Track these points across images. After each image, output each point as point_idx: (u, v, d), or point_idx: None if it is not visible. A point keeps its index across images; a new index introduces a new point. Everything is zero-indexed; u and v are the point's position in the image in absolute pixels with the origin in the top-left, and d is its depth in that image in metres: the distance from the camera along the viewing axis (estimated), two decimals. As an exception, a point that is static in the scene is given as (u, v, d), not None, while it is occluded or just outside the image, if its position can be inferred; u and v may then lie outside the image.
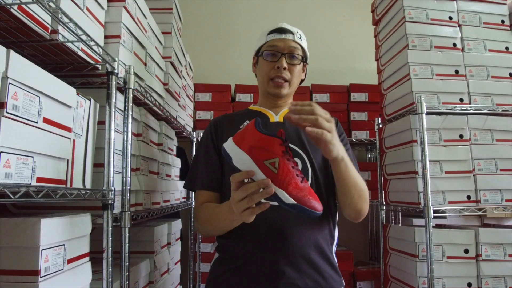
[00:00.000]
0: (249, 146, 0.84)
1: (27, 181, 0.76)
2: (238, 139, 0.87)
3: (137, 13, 1.38)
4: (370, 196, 2.61)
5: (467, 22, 1.94)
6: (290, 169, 0.84)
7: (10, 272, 0.78)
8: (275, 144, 0.84)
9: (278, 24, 1.24)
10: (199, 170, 1.19)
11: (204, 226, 1.12)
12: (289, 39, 1.19)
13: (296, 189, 0.82)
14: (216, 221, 1.06)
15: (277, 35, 1.20)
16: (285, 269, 1.02)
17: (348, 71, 3.16)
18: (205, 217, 1.11)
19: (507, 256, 1.69)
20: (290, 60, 1.19)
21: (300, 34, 1.23)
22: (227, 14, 3.21)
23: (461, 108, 1.81)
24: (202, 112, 2.72)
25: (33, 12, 0.84)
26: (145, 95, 1.40)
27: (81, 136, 1.00)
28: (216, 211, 1.06)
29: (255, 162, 0.83)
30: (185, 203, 2.17)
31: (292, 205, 0.81)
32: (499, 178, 1.78)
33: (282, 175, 0.82)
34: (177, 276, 1.93)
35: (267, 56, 1.20)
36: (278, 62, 1.18)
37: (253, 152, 0.84)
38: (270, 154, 0.83)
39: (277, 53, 1.19)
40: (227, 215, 0.98)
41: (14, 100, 0.72)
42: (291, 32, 1.20)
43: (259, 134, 0.85)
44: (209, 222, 1.10)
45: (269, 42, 1.21)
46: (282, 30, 1.21)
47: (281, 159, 0.84)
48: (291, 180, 0.83)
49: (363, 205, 1.09)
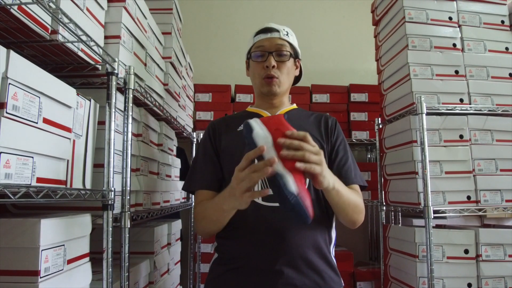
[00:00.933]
0: (274, 129, 0.86)
1: (27, 181, 0.76)
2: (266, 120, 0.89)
3: (137, 14, 1.38)
4: (370, 196, 2.62)
5: (467, 23, 1.94)
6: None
7: (10, 272, 0.78)
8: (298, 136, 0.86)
9: (264, 24, 1.25)
10: (198, 172, 1.19)
11: (201, 223, 1.11)
12: (274, 37, 1.21)
13: (301, 183, 0.82)
14: (210, 214, 1.05)
15: (263, 35, 1.22)
16: (284, 270, 1.03)
17: (348, 72, 3.16)
18: (202, 214, 1.10)
19: (507, 257, 1.69)
20: (278, 58, 1.20)
21: (287, 31, 1.24)
22: (227, 14, 3.21)
23: (461, 108, 1.81)
24: (202, 112, 2.72)
25: (33, 13, 0.84)
26: (145, 96, 1.40)
27: (81, 137, 1.00)
28: (210, 204, 1.06)
29: (273, 140, 0.84)
30: (185, 204, 2.17)
31: (291, 194, 0.80)
32: (499, 178, 1.78)
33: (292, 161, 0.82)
34: (177, 277, 1.93)
35: (256, 57, 1.22)
36: (267, 61, 1.19)
37: (275, 133, 0.85)
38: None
39: (265, 52, 1.20)
40: (220, 205, 0.98)
41: (14, 101, 0.72)
42: (276, 30, 1.22)
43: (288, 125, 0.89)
44: (204, 218, 1.09)
45: (256, 43, 1.23)
46: (267, 29, 1.22)
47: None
48: (300, 172, 0.83)
49: (358, 217, 1.12)
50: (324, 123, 1.23)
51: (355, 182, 1.15)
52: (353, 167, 1.18)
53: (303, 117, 1.25)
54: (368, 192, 2.62)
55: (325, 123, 1.23)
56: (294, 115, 1.24)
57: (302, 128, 1.18)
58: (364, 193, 2.60)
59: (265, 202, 1.07)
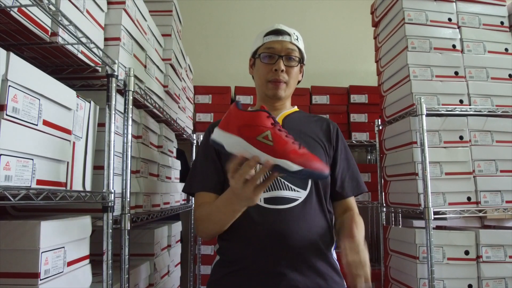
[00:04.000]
0: (237, 127, 0.82)
1: (27, 183, 0.76)
2: (223, 124, 0.85)
3: (137, 16, 1.38)
4: (370, 197, 2.62)
5: (466, 24, 1.94)
6: (284, 138, 0.82)
7: (10, 274, 0.78)
8: (262, 118, 0.83)
9: (274, 25, 1.23)
10: (197, 174, 1.18)
11: (203, 224, 1.09)
12: (286, 40, 1.19)
13: (297, 155, 0.80)
14: (215, 215, 1.03)
15: (274, 37, 1.19)
16: (286, 272, 1.02)
17: (348, 73, 3.16)
18: (203, 215, 1.08)
19: (508, 258, 1.68)
20: (288, 62, 1.18)
21: (296, 35, 1.22)
22: (227, 16, 3.21)
23: (461, 109, 1.81)
24: (202, 114, 2.72)
25: (33, 15, 0.84)
26: (145, 97, 1.40)
27: (81, 139, 1.00)
28: (214, 206, 1.04)
29: (247, 141, 0.82)
30: (185, 205, 2.17)
31: (299, 171, 0.79)
32: (499, 179, 1.78)
33: (278, 146, 0.81)
34: (177, 279, 1.93)
35: (264, 58, 1.19)
36: (276, 65, 1.17)
37: (243, 132, 0.82)
38: (260, 128, 0.82)
39: (274, 55, 1.18)
40: (228, 206, 0.96)
41: (14, 103, 0.72)
42: (288, 34, 1.20)
43: (243, 112, 0.83)
44: (207, 219, 1.07)
45: (266, 44, 1.20)
46: (279, 31, 1.20)
47: (272, 130, 0.82)
48: (289, 148, 0.81)
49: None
50: (326, 127, 1.23)
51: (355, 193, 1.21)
52: (355, 175, 1.21)
53: (305, 120, 1.25)
54: (368, 193, 2.62)
55: (327, 128, 1.23)
56: (295, 117, 1.24)
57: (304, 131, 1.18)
58: (365, 195, 2.61)
59: (267, 205, 1.07)
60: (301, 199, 1.09)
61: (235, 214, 0.98)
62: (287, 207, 1.07)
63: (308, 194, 1.10)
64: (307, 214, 1.08)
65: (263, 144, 0.81)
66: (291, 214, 1.06)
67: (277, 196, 1.07)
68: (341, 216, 1.17)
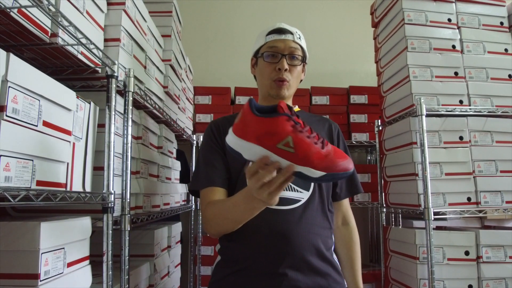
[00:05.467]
0: (256, 136, 0.77)
1: (27, 184, 0.75)
2: (239, 130, 0.79)
3: (137, 16, 1.38)
4: (370, 198, 2.62)
5: (466, 24, 1.94)
6: (307, 141, 0.76)
7: (10, 276, 0.78)
8: (281, 123, 0.76)
9: (276, 24, 1.21)
10: (201, 170, 1.15)
11: (215, 220, 1.04)
12: (289, 39, 1.18)
13: (321, 159, 0.76)
14: (231, 212, 0.98)
15: (276, 36, 1.18)
16: (288, 272, 1.02)
17: (348, 73, 3.17)
18: (216, 211, 1.03)
19: (508, 258, 1.68)
20: (291, 61, 1.17)
21: (299, 34, 1.21)
22: (227, 17, 3.22)
23: (461, 109, 1.81)
24: (202, 115, 2.72)
25: (33, 16, 0.84)
26: (145, 98, 1.40)
27: (81, 139, 1.00)
28: (229, 203, 0.99)
29: (268, 149, 0.76)
30: (185, 206, 2.17)
31: (322, 177, 0.76)
32: (499, 179, 1.78)
33: (301, 152, 0.75)
34: (177, 279, 1.93)
35: (268, 57, 1.18)
36: (279, 64, 1.15)
37: (262, 140, 0.76)
38: (280, 135, 0.76)
39: (278, 54, 1.16)
40: (246, 204, 0.91)
41: (14, 104, 0.72)
42: (290, 33, 1.19)
43: (261, 119, 0.77)
44: (221, 215, 1.02)
45: (268, 43, 1.19)
46: (281, 30, 1.19)
47: (293, 135, 0.76)
48: (312, 152, 0.76)
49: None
50: (328, 128, 1.24)
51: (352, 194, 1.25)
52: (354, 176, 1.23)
53: (307, 120, 1.24)
54: (368, 194, 2.62)
55: (329, 128, 1.24)
56: None
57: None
58: (364, 195, 2.61)
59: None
60: (304, 200, 1.09)
61: (254, 212, 0.93)
62: (289, 208, 1.07)
63: (311, 195, 1.10)
64: (309, 215, 1.08)
65: (284, 152, 0.76)
66: (293, 215, 1.06)
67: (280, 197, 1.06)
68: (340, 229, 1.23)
